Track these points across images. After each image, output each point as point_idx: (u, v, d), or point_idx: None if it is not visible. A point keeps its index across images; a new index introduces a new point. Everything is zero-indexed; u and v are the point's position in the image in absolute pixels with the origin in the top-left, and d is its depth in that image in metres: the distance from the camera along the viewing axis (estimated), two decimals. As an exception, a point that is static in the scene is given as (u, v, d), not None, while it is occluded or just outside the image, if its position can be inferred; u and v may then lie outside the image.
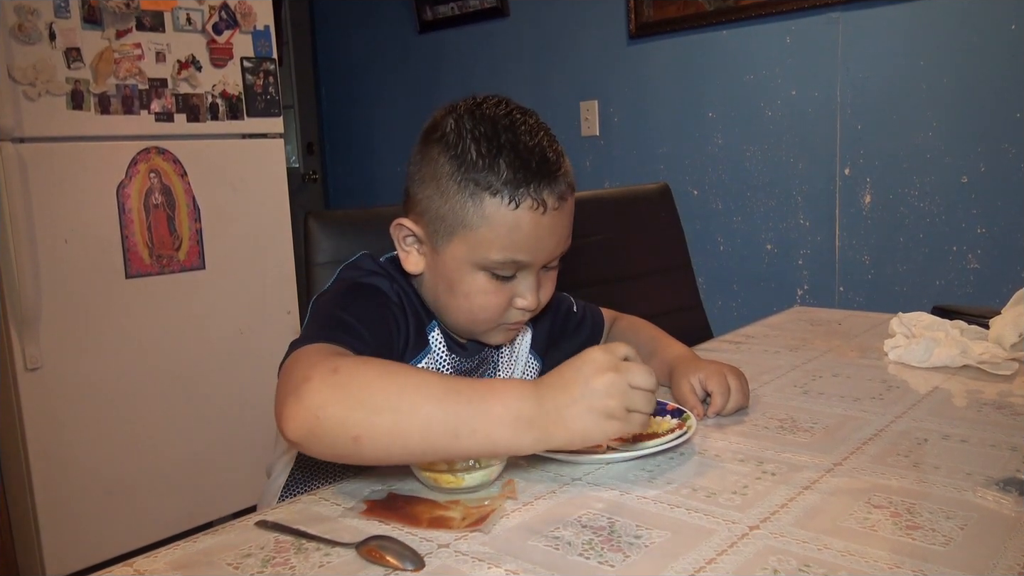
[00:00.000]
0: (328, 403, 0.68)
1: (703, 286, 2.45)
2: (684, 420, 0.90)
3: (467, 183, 0.84)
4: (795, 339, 1.38)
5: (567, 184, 0.87)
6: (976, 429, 0.90)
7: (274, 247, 2.54)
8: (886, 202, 2.27)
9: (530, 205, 0.84)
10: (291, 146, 3.90)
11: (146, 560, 0.67)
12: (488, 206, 0.84)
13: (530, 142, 0.85)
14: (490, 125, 0.85)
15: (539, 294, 0.91)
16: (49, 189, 2.09)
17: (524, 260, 0.86)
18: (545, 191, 0.84)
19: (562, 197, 0.86)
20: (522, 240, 0.85)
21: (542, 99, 3.00)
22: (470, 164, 0.84)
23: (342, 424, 0.68)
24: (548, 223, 0.85)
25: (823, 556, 0.62)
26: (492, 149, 0.83)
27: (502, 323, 0.92)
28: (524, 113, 0.88)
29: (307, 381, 0.69)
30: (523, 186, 0.83)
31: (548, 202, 0.84)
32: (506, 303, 0.90)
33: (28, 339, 2.06)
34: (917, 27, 2.17)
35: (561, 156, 0.88)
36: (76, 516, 2.18)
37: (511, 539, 0.68)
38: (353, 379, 0.70)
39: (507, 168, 0.83)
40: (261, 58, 2.48)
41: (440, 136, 0.87)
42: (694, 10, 2.54)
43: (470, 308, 0.89)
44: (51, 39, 2.06)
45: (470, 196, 0.84)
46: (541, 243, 0.86)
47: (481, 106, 0.87)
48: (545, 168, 0.84)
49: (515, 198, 0.83)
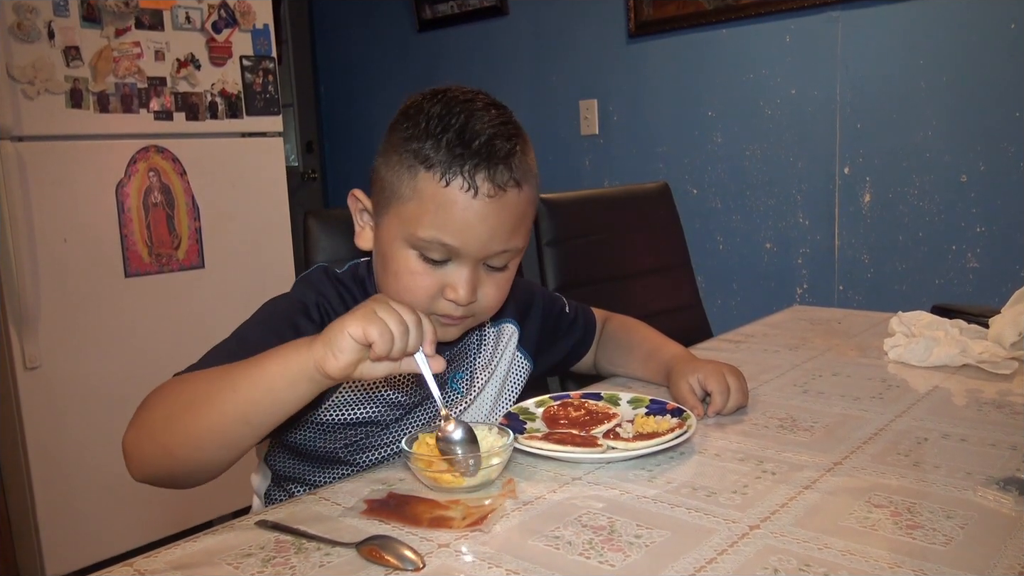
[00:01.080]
0: (141, 432, 0.75)
1: (702, 285, 2.46)
2: (684, 420, 0.90)
3: (407, 154, 0.83)
4: (795, 338, 1.38)
5: (511, 176, 0.83)
6: (976, 428, 0.90)
7: (273, 246, 2.54)
8: (885, 201, 2.27)
9: (460, 185, 0.81)
10: (290, 145, 3.90)
11: (146, 560, 0.67)
12: (421, 180, 0.82)
13: (479, 126, 0.82)
14: (447, 105, 0.84)
15: (477, 291, 0.86)
16: (48, 188, 2.08)
17: (452, 244, 0.83)
18: (480, 175, 0.81)
19: (500, 186, 0.82)
20: (450, 221, 0.82)
21: (542, 98, 3.00)
22: (415, 137, 0.83)
23: (153, 444, 0.75)
24: (480, 210, 0.82)
25: (823, 555, 0.62)
26: (439, 126, 0.82)
27: (431, 312, 0.87)
28: (491, 104, 0.86)
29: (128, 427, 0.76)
30: (457, 164, 0.81)
31: (481, 187, 0.81)
32: (435, 290, 0.86)
33: (27, 338, 2.06)
34: (916, 26, 2.17)
35: (514, 149, 0.84)
36: (76, 515, 2.17)
37: (511, 539, 0.68)
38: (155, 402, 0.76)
39: (446, 145, 0.81)
40: (260, 57, 2.48)
41: (402, 111, 0.87)
42: (694, 9, 2.54)
43: (397, 288, 0.87)
44: (50, 37, 2.06)
45: (407, 168, 0.83)
46: (471, 229, 0.82)
47: (449, 90, 0.86)
48: (487, 152, 0.81)
49: (446, 175, 0.81)
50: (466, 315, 0.89)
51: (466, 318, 0.90)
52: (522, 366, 1.08)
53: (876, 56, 2.24)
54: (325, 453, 0.92)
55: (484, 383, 1.02)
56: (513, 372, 1.07)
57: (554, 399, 1.01)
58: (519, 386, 1.07)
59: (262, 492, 1.00)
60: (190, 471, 0.75)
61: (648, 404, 0.98)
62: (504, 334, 1.06)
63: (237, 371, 0.73)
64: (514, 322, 1.06)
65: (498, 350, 1.05)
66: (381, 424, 0.92)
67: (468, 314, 0.89)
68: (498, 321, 1.05)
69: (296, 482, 0.96)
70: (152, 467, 0.76)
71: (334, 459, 0.93)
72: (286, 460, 0.96)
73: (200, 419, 0.72)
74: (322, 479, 0.94)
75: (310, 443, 0.92)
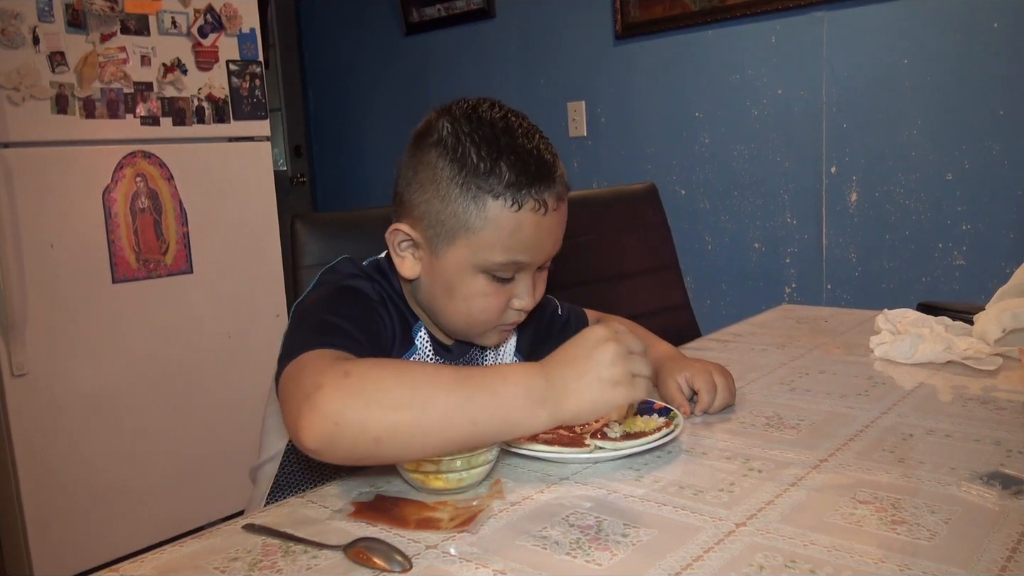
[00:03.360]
0: (346, 408, 0.68)
1: (691, 285, 2.46)
2: (671, 418, 0.90)
3: (469, 187, 0.85)
4: (782, 337, 1.38)
5: (564, 185, 0.90)
6: (961, 424, 0.90)
7: (262, 250, 2.53)
8: (872, 200, 2.29)
9: (532, 207, 0.85)
10: (278, 149, 3.89)
11: (132, 564, 0.67)
12: (491, 209, 0.85)
13: (528, 145, 0.87)
14: (488, 128, 0.86)
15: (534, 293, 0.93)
16: (34, 194, 2.07)
17: (524, 261, 0.88)
18: (546, 193, 0.86)
19: (560, 198, 0.89)
20: (523, 241, 0.87)
21: (529, 100, 3.00)
22: (471, 168, 0.85)
23: (362, 427, 0.68)
24: (548, 224, 0.88)
25: (809, 552, 0.63)
26: (492, 152, 0.85)
27: (499, 324, 0.94)
28: (518, 116, 0.90)
29: (320, 389, 0.69)
30: (525, 188, 0.85)
31: (549, 203, 0.86)
32: (504, 304, 0.91)
33: (14, 345, 2.05)
34: (901, 26, 2.18)
35: (556, 158, 0.90)
36: (64, 522, 2.16)
37: (499, 539, 0.68)
38: (366, 381, 0.70)
39: (508, 171, 0.84)
40: (247, 61, 2.48)
41: (437, 140, 0.87)
42: (680, 10, 2.55)
43: (469, 311, 0.91)
44: (35, 43, 2.05)
45: (472, 199, 0.85)
46: (541, 244, 0.88)
47: (476, 109, 0.88)
48: (544, 170, 0.86)
49: (517, 200, 0.85)
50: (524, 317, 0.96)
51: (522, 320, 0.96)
52: None
53: (861, 56, 2.26)
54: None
55: None
56: None
57: (542, 400, 1.00)
58: None
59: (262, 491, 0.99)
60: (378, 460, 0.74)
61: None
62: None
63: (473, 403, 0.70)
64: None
65: (499, 357, 1.06)
66: None
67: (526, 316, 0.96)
68: None
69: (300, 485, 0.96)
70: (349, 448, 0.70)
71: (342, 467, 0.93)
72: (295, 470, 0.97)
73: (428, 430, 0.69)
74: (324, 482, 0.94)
75: None
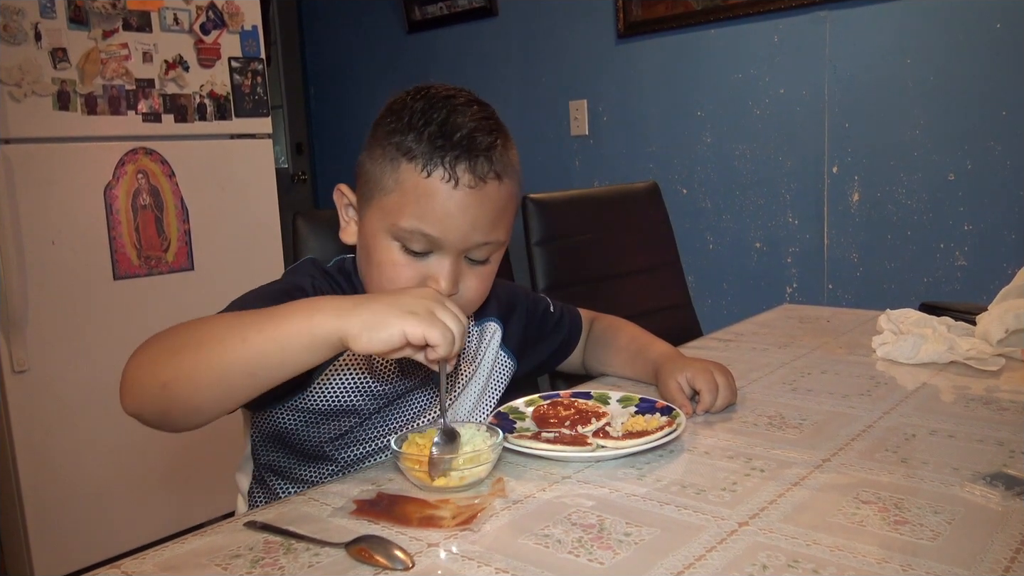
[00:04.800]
0: (142, 364, 0.73)
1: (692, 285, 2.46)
2: (673, 418, 0.90)
3: (390, 147, 0.85)
4: (784, 336, 1.38)
5: (491, 169, 0.85)
6: (963, 424, 0.90)
7: (263, 248, 2.53)
8: (874, 200, 2.28)
9: (441, 175, 0.83)
10: (280, 146, 3.89)
11: (134, 561, 0.67)
12: (403, 171, 0.84)
13: (460, 120, 0.84)
14: (429, 101, 0.86)
15: (459, 284, 0.88)
16: (36, 190, 2.07)
17: (433, 234, 0.84)
18: (461, 165, 0.83)
19: (481, 178, 0.84)
20: (431, 212, 0.83)
21: (531, 99, 3.00)
22: (398, 131, 0.85)
23: (152, 377, 0.72)
24: (461, 200, 0.83)
25: (811, 552, 0.63)
26: (421, 120, 0.84)
27: None
28: (473, 101, 0.88)
29: (131, 356, 0.75)
30: (438, 155, 0.82)
31: (461, 177, 0.83)
32: (417, 281, 0.87)
33: (15, 342, 2.05)
34: (904, 25, 2.18)
35: (494, 142, 0.85)
36: (65, 519, 2.16)
37: (501, 537, 0.68)
38: (160, 337, 0.74)
39: (428, 137, 0.83)
40: (249, 58, 2.47)
41: (386, 108, 0.89)
42: (682, 9, 2.55)
43: (380, 280, 0.88)
44: (37, 39, 2.05)
45: (390, 160, 0.85)
46: (451, 220, 0.84)
47: (432, 87, 0.88)
48: (468, 144, 0.83)
49: (427, 166, 0.83)
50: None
51: None
52: (506, 365, 1.08)
53: (864, 56, 2.26)
54: (310, 447, 0.92)
55: (468, 379, 1.02)
56: (496, 371, 1.07)
57: (544, 398, 1.01)
58: (502, 384, 1.08)
59: (245, 489, 1.00)
60: (182, 411, 0.74)
61: (637, 403, 0.98)
62: (487, 332, 1.06)
63: (249, 321, 0.72)
64: (497, 321, 1.07)
65: (481, 347, 1.05)
66: (363, 414, 0.92)
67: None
68: (481, 320, 1.06)
69: (280, 476, 0.96)
70: (146, 401, 0.74)
71: (319, 455, 0.93)
72: (271, 452, 0.96)
73: (203, 361, 0.71)
74: (306, 475, 0.94)
75: (295, 432, 0.92)
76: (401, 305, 0.71)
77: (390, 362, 0.94)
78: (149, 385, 0.72)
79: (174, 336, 0.74)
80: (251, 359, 0.71)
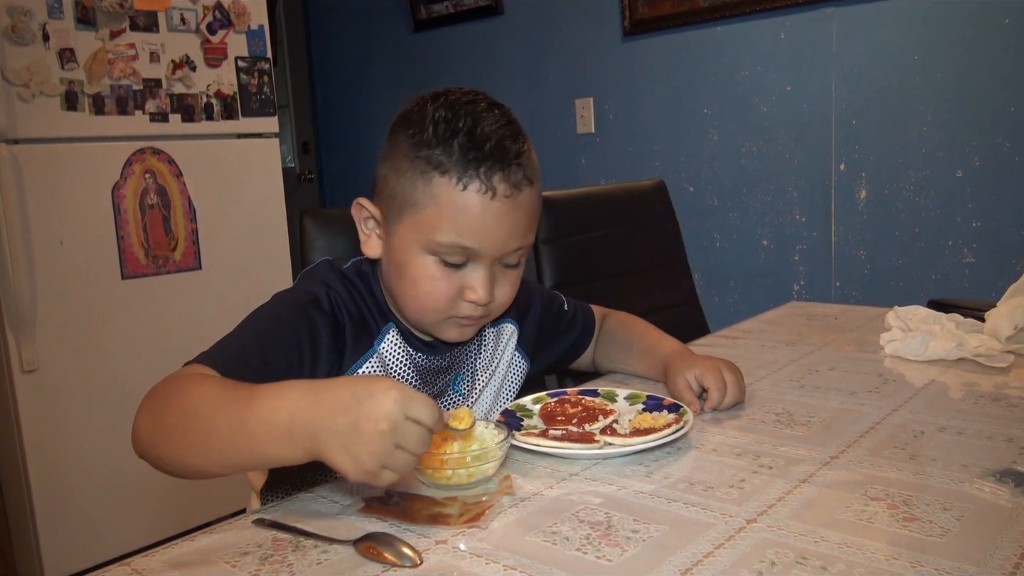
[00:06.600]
0: (141, 427, 0.74)
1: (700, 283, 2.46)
2: (681, 415, 0.90)
3: (419, 161, 0.83)
4: (791, 334, 1.38)
5: (524, 175, 0.85)
6: (972, 421, 0.90)
7: (270, 247, 2.54)
8: (881, 197, 2.28)
9: (478, 188, 0.82)
10: (286, 146, 3.90)
11: (144, 559, 0.67)
12: (436, 185, 0.83)
13: (488, 128, 0.83)
14: (451, 109, 0.84)
15: (494, 290, 0.88)
16: (44, 190, 2.08)
17: (471, 247, 0.84)
18: (496, 176, 0.82)
19: (516, 186, 0.84)
20: (469, 224, 0.83)
21: (537, 97, 3.00)
22: (424, 143, 0.83)
23: (151, 445, 0.74)
24: (498, 210, 0.83)
25: (820, 549, 0.62)
26: (448, 131, 0.83)
27: (452, 315, 0.89)
28: (493, 104, 0.87)
29: (142, 402, 0.75)
30: (472, 168, 0.82)
31: (498, 188, 0.82)
32: (454, 293, 0.87)
33: (24, 341, 2.06)
34: (911, 22, 2.17)
35: (522, 148, 0.86)
36: (74, 518, 2.17)
37: (508, 535, 0.68)
38: (158, 401, 0.74)
39: (459, 149, 0.82)
40: (255, 58, 2.48)
41: (404, 116, 0.87)
42: (688, 6, 2.54)
43: (416, 295, 0.88)
44: (44, 40, 2.06)
45: (420, 174, 0.83)
46: (489, 231, 0.84)
47: (450, 93, 0.87)
48: (499, 153, 0.83)
49: (463, 179, 0.82)
50: (484, 314, 0.91)
51: (483, 317, 0.91)
52: (520, 366, 1.08)
53: (871, 52, 2.25)
54: None
55: (484, 384, 1.02)
56: (511, 372, 1.07)
57: (551, 396, 1.01)
58: (517, 385, 1.07)
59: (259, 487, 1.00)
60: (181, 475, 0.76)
61: (645, 400, 0.98)
62: (504, 334, 1.06)
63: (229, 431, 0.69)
64: (514, 322, 1.07)
65: (498, 351, 1.05)
66: None
67: (485, 313, 0.90)
68: (498, 322, 1.05)
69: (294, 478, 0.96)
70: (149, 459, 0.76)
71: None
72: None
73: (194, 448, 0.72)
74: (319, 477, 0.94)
75: None
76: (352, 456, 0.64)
77: (409, 370, 0.95)
78: (150, 450, 0.74)
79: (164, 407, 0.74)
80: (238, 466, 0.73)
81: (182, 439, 0.72)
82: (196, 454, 0.72)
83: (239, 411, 0.68)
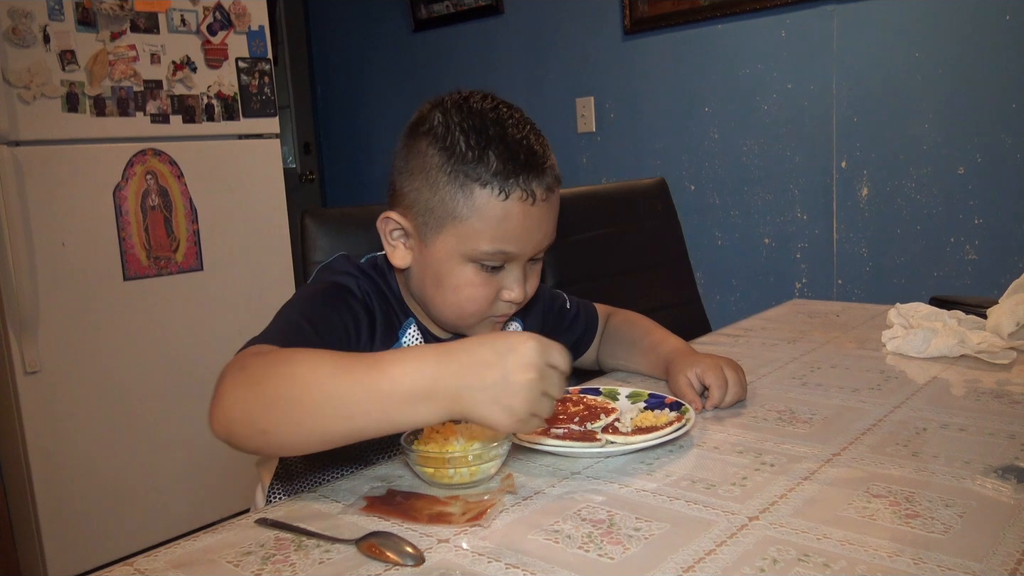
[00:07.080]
0: (236, 402, 0.70)
1: (701, 281, 2.46)
2: (682, 413, 0.90)
3: (457, 175, 0.85)
4: (793, 331, 1.38)
5: (554, 176, 0.90)
6: (974, 418, 0.90)
7: (272, 247, 2.54)
8: (883, 194, 2.27)
9: (519, 196, 0.86)
10: (288, 146, 3.90)
11: (146, 559, 0.67)
12: (478, 197, 0.85)
13: (517, 135, 0.87)
14: (478, 118, 0.87)
15: (525, 286, 0.92)
16: (45, 192, 2.09)
17: (512, 251, 0.88)
18: (534, 182, 0.86)
19: (550, 188, 0.89)
20: (511, 231, 0.86)
21: (538, 96, 3.00)
22: (459, 156, 0.85)
23: (250, 421, 0.70)
24: (536, 214, 0.87)
25: (822, 546, 0.62)
26: (481, 141, 0.85)
27: (489, 316, 0.93)
28: (509, 108, 0.91)
29: (223, 381, 0.72)
30: (512, 177, 0.85)
31: (537, 193, 0.86)
32: (493, 295, 0.91)
33: (27, 343, 2.06)
34: (912, 19, 2.17)
35: (547, 149, 0.90)
36: (77, 519, 2.18)
37: (511, 533, 0.68)
38: (254, 374, 0.71)
39: (497, 160, 0.85)
40: (256, 58, 2.48)
41: (428, 129, 0.88)
42: (688, 5, 2.54)
43: (457, 301, 0.90)
44: (45, 42, 2.06)
45: (460, 187, 0.86)
46: (529, 234, 0.88)
47: (468, 100, 0.89)
48: (533, 160, 0.87)
49: (505, 189, 0.85)
50: (516, 310, 0.94)
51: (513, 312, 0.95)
52: None
53: (872, 49, 2.24)
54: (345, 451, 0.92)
55: None
56: None
57: (553, 395, 1.00)
58: None
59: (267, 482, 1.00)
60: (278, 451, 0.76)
61: (647, 398, 0.98)
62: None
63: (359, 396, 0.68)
64: (518, 321, 1.07)
65: None
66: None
67: (517, 308, 0.94)
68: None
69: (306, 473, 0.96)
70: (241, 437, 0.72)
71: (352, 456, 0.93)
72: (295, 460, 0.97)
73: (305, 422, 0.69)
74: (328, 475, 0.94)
75: None
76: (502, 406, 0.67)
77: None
78: (246, 426, 0.70)
79: (265, 379, 0.70)
80: (358, 435, 0.70)
81: (291, 409, 0.69)
82: (309, 423, 0.69)
83: (368, 376, 0.68)
